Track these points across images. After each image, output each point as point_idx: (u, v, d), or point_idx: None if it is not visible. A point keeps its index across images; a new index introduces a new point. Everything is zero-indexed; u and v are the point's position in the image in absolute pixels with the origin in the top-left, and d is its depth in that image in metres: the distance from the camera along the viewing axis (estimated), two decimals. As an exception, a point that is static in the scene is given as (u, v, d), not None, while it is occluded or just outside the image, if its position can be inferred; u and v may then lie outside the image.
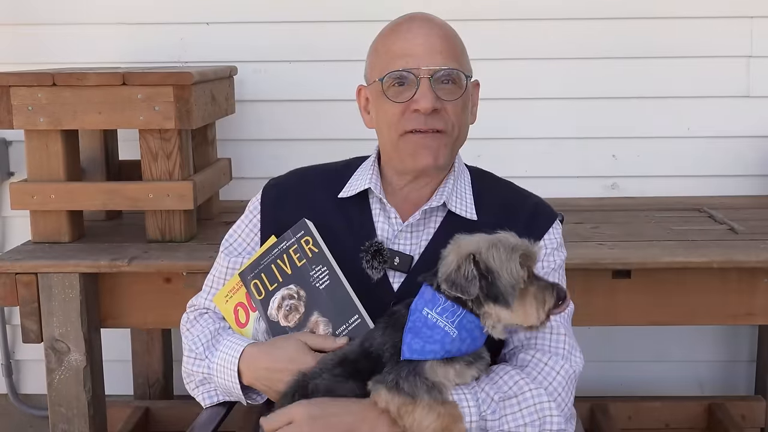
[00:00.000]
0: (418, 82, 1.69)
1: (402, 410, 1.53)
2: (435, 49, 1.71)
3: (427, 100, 1.68)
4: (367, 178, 1.81)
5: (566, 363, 1.69)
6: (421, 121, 1.70)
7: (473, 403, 1.59)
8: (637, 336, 3.36)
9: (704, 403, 3.17)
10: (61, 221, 2.64)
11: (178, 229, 2.66)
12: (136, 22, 3.24)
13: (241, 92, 3.23)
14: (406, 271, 1.76)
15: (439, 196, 1.79)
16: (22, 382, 3.49)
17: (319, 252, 1.74)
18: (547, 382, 1.66)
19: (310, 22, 3.23)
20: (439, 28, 1.75)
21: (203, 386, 1.85)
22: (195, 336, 1.84)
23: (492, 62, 3.14)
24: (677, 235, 2.68)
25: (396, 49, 1.72)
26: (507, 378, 1.64)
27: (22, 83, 2.55)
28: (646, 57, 3.22)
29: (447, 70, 1.71)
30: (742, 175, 3.27)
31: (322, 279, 1.73)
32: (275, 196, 1.88)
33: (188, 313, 1.92)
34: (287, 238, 1.77)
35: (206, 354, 1.80)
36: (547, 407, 1.62)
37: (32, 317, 2.49)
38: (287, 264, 1.76)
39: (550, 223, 1.82)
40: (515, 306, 1.51)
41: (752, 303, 2.55)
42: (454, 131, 1.74)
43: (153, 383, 3.32)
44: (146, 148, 2.62)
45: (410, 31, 1.73)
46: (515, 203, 1.83)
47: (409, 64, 1.70)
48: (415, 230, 1.79)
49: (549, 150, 3.28)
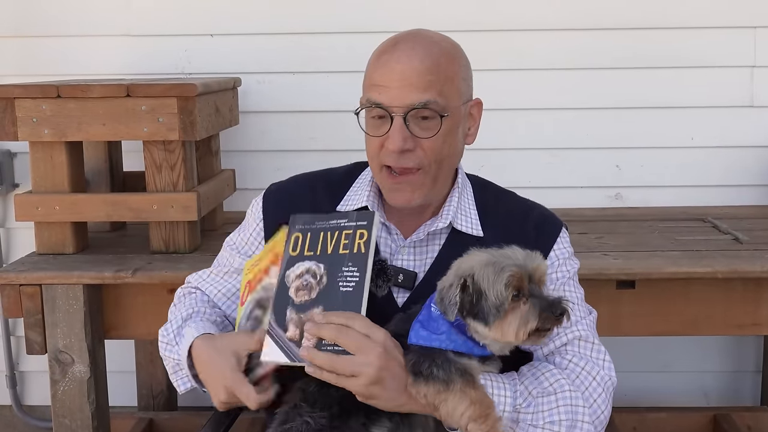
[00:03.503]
0: (391, 119, 1.66)
1: (437, 400, 1.54)
2: (410, 83, 1.64)
3: (395, 141, 1.65)
4: (364, 195, 1.80)
5: (602, 370, 1.69)
6: (393, 158, 1.68)
7: (510, 393, 1.59)
8: (642, 346, 3.35)
9: (710, 414, 3.15)
10: (66, 233, 2.65)
11: (182, 241, 2.66)
12: (141, 34, 3.26)
13: (244, 103, 3.23)
14: (410, 288, 1.75)
15: (444, 216, 1.77)
16: (27, 393, 3.49)
17: (364, 253, 1.60)
18: (584, 387, 1.66)
19: (313, 34, 3.24)
20: (423, 54, 1.66)
21: (177, 373, 1.81)
22: (173, 318, 1.84)
23: (494, 73, 3.15)
24: (681, 246, 2.67)
25: (376, 77, 1.68)
26: (549, 375, 1.65)
27: (26, 95, 2.56)
28: (650, 67, 3.22)
29: (420, 107, 1.64)
30: (747, 185, 3.27)
31: (348, 282, 1.59)
32: (277, 201, 1.87)
33: (182, 288, 1.95)
34: (350, 218, 1.65)
35: (176, 340, 1.80)
36: (581, 411, 1.62)
37: (36, 328, 2.49)
38: (331, 242, 1.63)
39: (557, 233, 1.82)
40: (494, 324, 1.53)
41: (757, 313, 2.54)
42: (431, 168, 1.70)
43: (157, 394, 3.32)
44: (150, 159, 2.62)
45: (390, 60, 1.67)
46: (520, 215, 1.82)
47: (382, 98, 1.66)
48: (419, 247, 1.78)
49: (552, 160, 3.28)
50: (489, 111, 2.00)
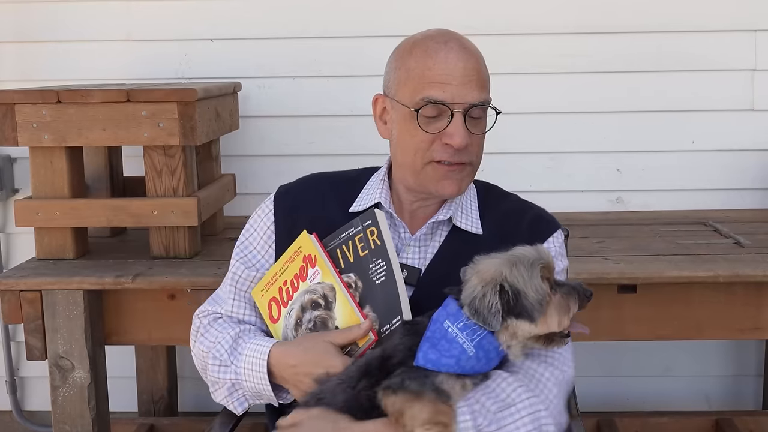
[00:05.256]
0: (452, 115, 1.70)
1: (405, 405, 1.52)
2: (471, 81, 1.71)
3: (461, 137, 1.70)
4: (377, 192, 1.83)
5: (556, 369, 1.68)
6: (450, 153, 1.72)
7: (469, 417, 1.56)
8: (644, 350, 3.34)
9: (712, 418, 3.14)
10: (66, 238, 2.64)
11: (183, 246, 2.66)
12: (141, 38, 3.25)
13: (245, 108, 3.23)
14: (413, 283, 1.76)
15: (445, 210, 1.80)
16: (27, 399, 3.48)
17: (381, 245, 1.71)
18: (538, 389, 1.64)
19: (314, 38, 3.24)
20: (474, 55, 1.75)
21: (233, 394, 1.81)
22: (215, 342, 1.81)
23: (495, 76, 3.11)
24: (683, 249, 2.67)
25: (432, 74, 1.71)
26: (505, 386, 1.62)
27: (26, 100, 2.56)
28: (650, 71, 3.22)
29: (481, 104, 1.72)
30: (748, 189, 3.26)
31: (379, 273, 1.71)
32: (288, 205, 1.88)
33: (200, 318, 1.90)
34: (355, 225, 1.75)
35: (231, 360, 1.78)
36: (543, 415, 1.61)
37: (36, 334, 2.49)
38: (350, 251, 1.74)
39: (550, 233, 1.83)
40: (539, 320, 1.54)
41: (759, 317, 2.53)
42: (477, 162, 1.78)
43: (158, 400, 3.31)
44: (150, 164, 2.62)
45: (448, 57, 1.71)
46: (517, 214, 1.84)
47: (445, 95, 1.69)
48: (423, 244, 1.81)
49: (553, 164, 3.27)
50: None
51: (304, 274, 1.75)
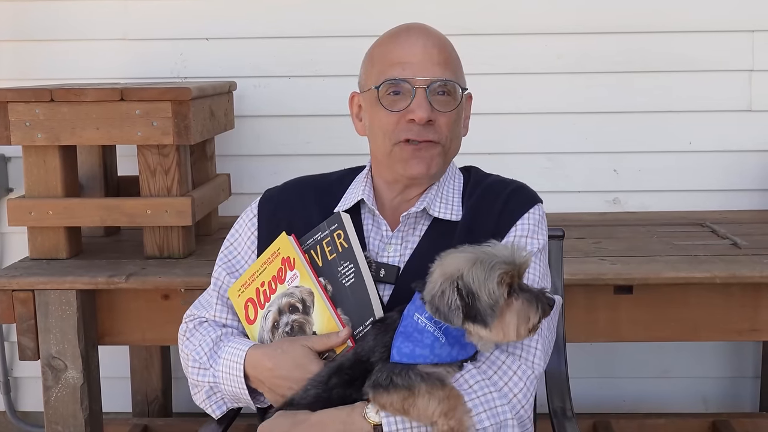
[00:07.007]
0: (413, 92, 1.70)
1: (406, 405, 1.50)
2: (432, 60, 1.72)
3: (423, 110, 1.69)
4: (360, 189, 1.82)
5: (523, 364, 1.64)
6: (415, 131, 1.71)
7: None
8: (640, 352, 3.33)
9: (709, 420, 3.14)
10: (59, 237, 2.63)
11: (177, 246, 2.64)
12: (136, 37, 3.25)
13: (240, 107, 3.22)
14: (392, 281, 1.75)
15: (419, 202, 1.78)
16: (20, 399, 3.47)
17: (348, 248, 1.71)
18: (502, 383, 1.61)
19: (309, 38, 3.23)
20: (436, 38, 1.76)
21: (211, 398, 1.80)
22: (197, 345, 1.81)
23: (492, 77, 3.14)
24: (679, 250, 2.66)
25: (393, 57, 1.73)
26: (468, 377, 1.59)
27: (20, 99, 2.55)
28: (648, 71, 3.21)
29: (443, 81, 1.72)
30: (745, 190, 3.26)
31: (347, 276, 1.71)
32: (272, 209, 1.87)
33: (186, 322, 1.89)
34: (322, 230, 1.75)
35: (210, 363, 1.77)
36: (501, 411, 1.58)
37: (29, 334, 2.47)
38: (319, 256, 1.74)
39: (527, 207, 1.79)
40: (494, 325, 1.49)
41: (756, 318, 2.52)
42: (447, 142, 1.75)
43: (152, 400, 3.29)
44: (144, 163, 2.61)
45: (408, 40, 1.74)
46: (494, 193, 1.81)
47: (405, 73, 1.71)
48: (404, 240, 1.79)
49: (550, 164, 3.26)
50: (486, 115, 2.00)
51: (282, 277, 1.74)
